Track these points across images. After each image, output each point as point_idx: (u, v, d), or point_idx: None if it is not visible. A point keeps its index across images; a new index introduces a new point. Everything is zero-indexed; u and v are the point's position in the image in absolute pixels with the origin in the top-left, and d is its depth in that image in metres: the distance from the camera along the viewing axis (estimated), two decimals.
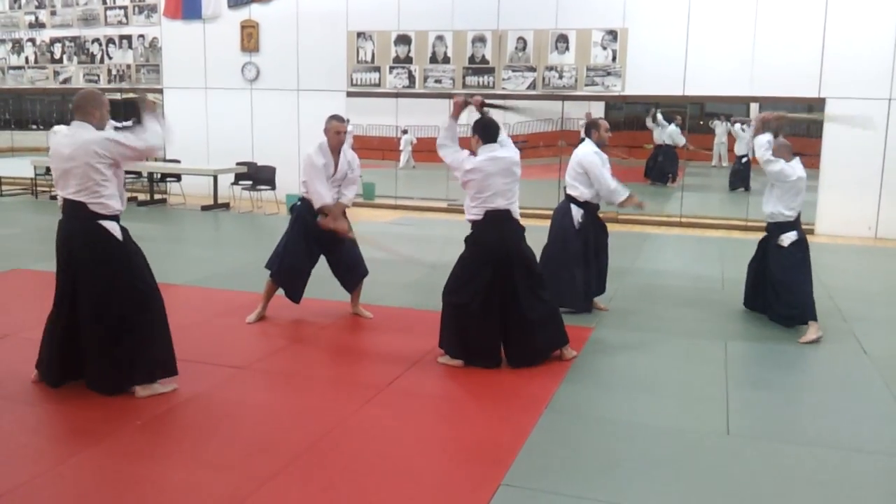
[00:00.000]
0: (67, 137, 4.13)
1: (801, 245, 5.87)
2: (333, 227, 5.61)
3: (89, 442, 3.69)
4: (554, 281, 5.90)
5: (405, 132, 18.04)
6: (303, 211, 5.73)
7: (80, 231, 4.14)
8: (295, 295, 5.84)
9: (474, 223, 4.93)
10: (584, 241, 6.11)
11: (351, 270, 5.95)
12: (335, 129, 5.63)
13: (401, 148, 18.40)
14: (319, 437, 3.78)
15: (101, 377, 4.21)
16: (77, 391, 4.26)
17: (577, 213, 6.09)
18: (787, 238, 5.84)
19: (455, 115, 5.07)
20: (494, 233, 4.87)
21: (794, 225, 5.86)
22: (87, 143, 4.05)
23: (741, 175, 14.53)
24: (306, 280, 5.83)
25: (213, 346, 5.27)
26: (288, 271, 5.75)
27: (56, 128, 4.25)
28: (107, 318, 4.15)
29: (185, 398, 4.27)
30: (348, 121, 7.48)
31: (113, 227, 4.17)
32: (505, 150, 4.90)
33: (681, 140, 14.50)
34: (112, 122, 4.39)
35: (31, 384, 4.38)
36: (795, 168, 5.76)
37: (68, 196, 4.12)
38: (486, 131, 4.91)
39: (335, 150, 5.66)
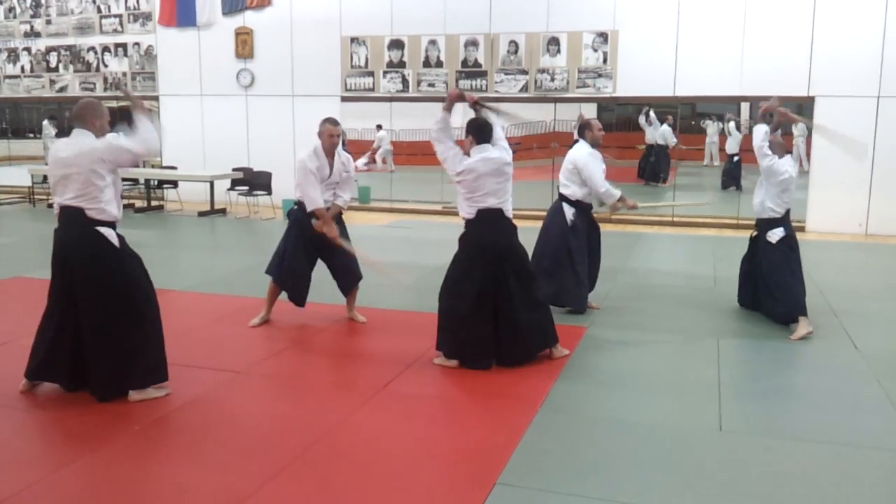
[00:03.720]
0: (69, 144, 4.14)
1: (790, 242, 5.93)
2: (325, 231, 5.66)
3: (87, 447, 3.73)
4: (555, 280, 5.98)
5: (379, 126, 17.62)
6: (299, 215, 5.78)
7: (78, 238, 4.16)
8: (299, 298, 5.88)
9: (467, 221, 5.01)
10: (576, 240, 6.17)
11: (349, 273, 5.99)
12: (329, 133, 5.68)
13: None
14: (316, 440, 3.83)
15: (99, 383, 4.24)
16: (74, 397, 4.31)
17: (568, 212, 6.17)
18: (775, 234, 5.90)
19: (448, 108, 5.02)
20: (487, 231, 4.93)
21: (781, 221, 5.92)
22: (92, 150, 4.10)
23: (733, 174, 14.67)
24: (308, 283, 5.88)
25: (210, 350, 5.32)
26: (289, 274, 5.80)
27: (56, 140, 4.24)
28: (105, 325, 4.18)
29: (182, 402, 4.32)
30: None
31: (109, 233, 4.20)
32: (496, 151, 4.94)
33: (672, 140, 14.59)
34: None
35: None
36: (786, 165, 5.82)
37: (67, 202, 4.12)
38: (480, 132, 4.97)
39: (329, 153, 5.72)
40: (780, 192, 5.86)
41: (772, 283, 5.92)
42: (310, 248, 5.81)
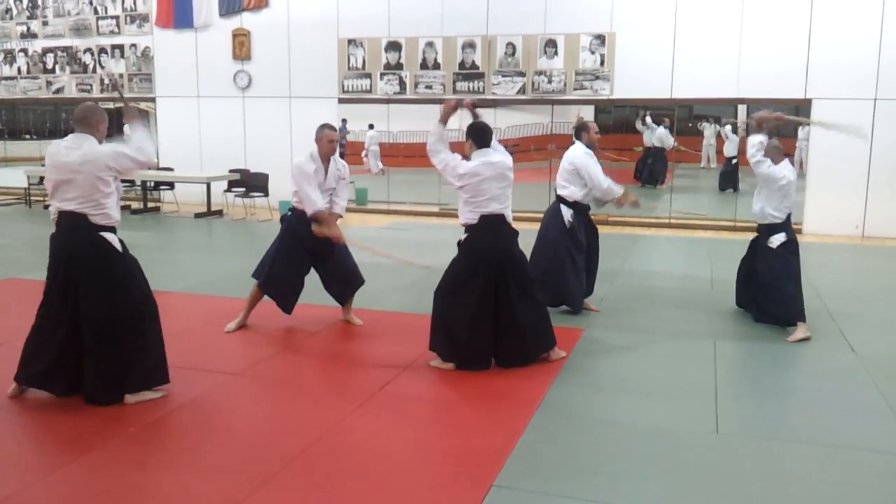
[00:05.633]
0: (72, 149, 4.08)
1: (791, 247, 5.89)
2: (328, 234, 5.61)
3: (81, 450, 3.71)
4: (550, 281, 5.96)
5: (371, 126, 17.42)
6: (293, 221, 5.72)
7: (81, 243, 4.14)
8: (286, 305, 5.81)
9: (468, 227, 4.98)
10: (574, 241, 6.17)
11: (345, 282, 5.94)
12: (328, 138, 5.65)
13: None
14: (312, 442, 3.82)
15: (96, 388, 4.21)
16: (65, 400, 4.28)
17: (566, 213, 6.17)
18: (776, 240, 5.87)
19: (444, 120, 5.02)
20: (488, 237, 4.92)
21: (782, 227, 5.89)
22: (99, 156, 4.07)
23: (730, 176, 14.68)
24: (298, 290, 5.82)
25: (206, 352, 5.31)
26: (277, 281, 5.73)
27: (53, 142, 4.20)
28: (106, 330, 4.16)
29: (177, 405, 4.31)
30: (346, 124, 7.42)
31: (113, 238, 4.20)
32: (498, 155, 4.96)
33: (670, 141, 14.61)
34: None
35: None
36: (784, 170, 5.79)
37: (68, 208, 4.09)
38: (481, 135, 4.96)
39: (326, 158, 5.69)
40: (780, 198, 5.81)
41: (772, 288, 5.88)
42: (304, 255, 5.75)
